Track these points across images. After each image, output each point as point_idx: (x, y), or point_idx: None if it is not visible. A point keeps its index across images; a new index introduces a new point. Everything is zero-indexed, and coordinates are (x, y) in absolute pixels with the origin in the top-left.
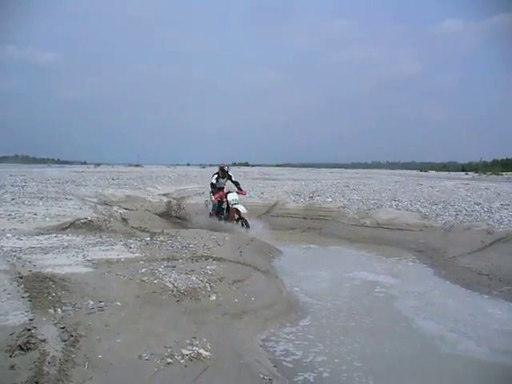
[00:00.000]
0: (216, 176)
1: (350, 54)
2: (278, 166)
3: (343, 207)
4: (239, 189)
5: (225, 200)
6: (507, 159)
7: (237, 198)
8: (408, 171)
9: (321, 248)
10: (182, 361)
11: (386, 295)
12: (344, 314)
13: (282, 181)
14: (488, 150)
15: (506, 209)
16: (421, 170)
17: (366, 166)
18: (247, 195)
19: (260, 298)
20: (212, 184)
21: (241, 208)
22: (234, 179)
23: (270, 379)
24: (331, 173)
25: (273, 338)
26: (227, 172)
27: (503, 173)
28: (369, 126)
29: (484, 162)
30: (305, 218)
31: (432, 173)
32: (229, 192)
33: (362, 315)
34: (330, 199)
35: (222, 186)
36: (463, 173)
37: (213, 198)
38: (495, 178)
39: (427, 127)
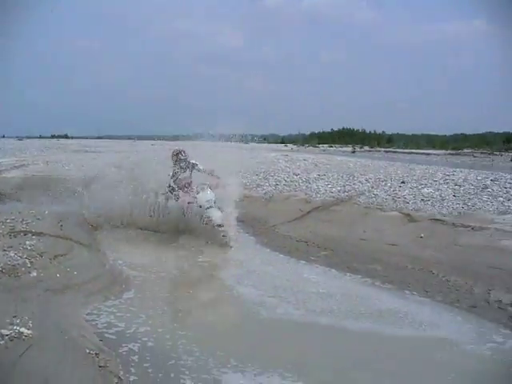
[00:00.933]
0: (172, 172)
1: (172, 27)
2: (99, 138)
3: None
4: (211, 175)
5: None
6: (323, 132)
7: (212, 197)
8: (231, 143)
9: None
10: (1, 342)
11: (210, 265)
12: (168, 285)
13: (104, 153)
14: (305, 124)
15: (322, 179)
16: (242, 142)
17: (188, 137)
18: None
19: (83, 272)
20: (170, 187)
21: (215, 216)
22: (201, 167)
23: (96, 353)
24: (152, 145)
25: (96, 312)
26: (186, 160)
27: (319, 145)
28: (189, 100)
29: (302, 134)
30: None
31: (253, 144)
32: (198, 191)
33: (186, 285)
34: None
35: (187, 181)
36: (283, 145)
37: (179, 202)
38: (312, 150)
39: (248, 99)
